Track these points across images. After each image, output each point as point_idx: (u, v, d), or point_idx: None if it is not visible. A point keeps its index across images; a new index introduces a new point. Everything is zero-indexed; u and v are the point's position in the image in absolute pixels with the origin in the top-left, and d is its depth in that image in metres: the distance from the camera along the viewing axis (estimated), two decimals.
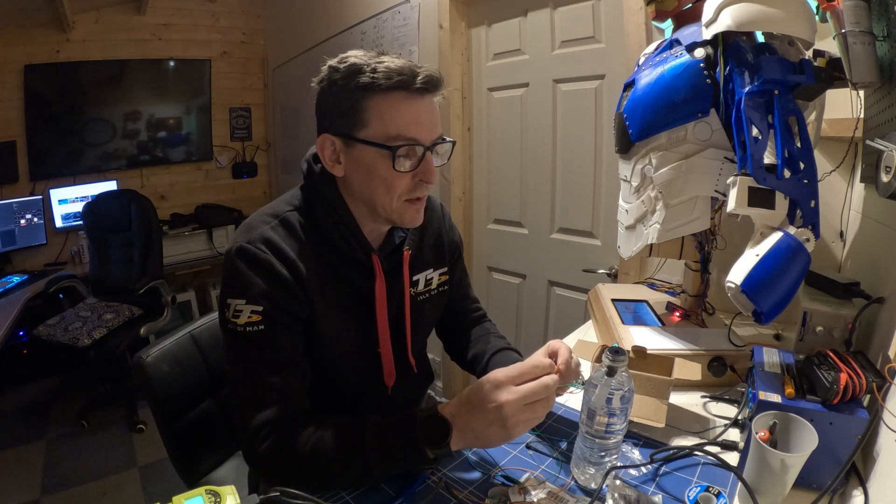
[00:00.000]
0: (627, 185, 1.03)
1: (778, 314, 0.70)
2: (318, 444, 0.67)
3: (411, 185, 0.76)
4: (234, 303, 0.72)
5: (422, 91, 0.72)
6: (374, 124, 0.72)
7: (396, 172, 0.73)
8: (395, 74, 0.70)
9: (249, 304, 0.71)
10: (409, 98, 0.72)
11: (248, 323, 0.71)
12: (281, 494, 0.58)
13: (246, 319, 0.71)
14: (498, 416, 0.61)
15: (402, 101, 0.71)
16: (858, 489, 0.63)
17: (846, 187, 1.09)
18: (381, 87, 0.70)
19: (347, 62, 0.72)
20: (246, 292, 0.71)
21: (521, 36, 1.91)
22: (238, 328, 0.71)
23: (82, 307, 2.58)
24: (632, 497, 0.62)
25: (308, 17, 3.12)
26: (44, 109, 3.02)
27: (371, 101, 0.71)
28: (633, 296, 1.25)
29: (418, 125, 0.73)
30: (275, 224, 0.77)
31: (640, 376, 0.80)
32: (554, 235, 1.93)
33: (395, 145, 0.71)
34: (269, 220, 0.77)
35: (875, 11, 0.73)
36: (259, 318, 0.71)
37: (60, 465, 2.21)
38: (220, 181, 3.83)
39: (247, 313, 0.71)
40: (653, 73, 0.91)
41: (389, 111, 0.71)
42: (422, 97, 0.73)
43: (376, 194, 0.76)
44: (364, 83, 0.70)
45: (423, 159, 0.74)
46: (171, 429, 0.99)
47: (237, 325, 0.71)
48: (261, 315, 0.71)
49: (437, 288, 0.96)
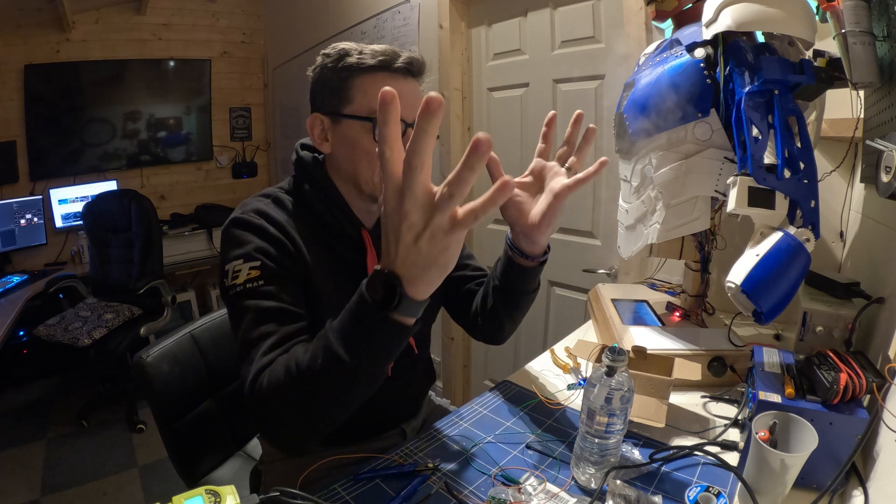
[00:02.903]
0: (627, 185, 1.03)
1: (778, 314, 0.70)
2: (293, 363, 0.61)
3: None
4: (232, 266, 0.74)
5: (403, 72, 0.78)
6: (358, 100, 0.78)
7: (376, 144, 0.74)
8: (378, 55, 0.77)
9: (247, 262, 0.73)
10: (391, 77, 0.78)
11: (248, 279, 0.72)
12: (281, 494, 0.58)
13: (246, 276, 0.72)
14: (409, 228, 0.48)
15: (385, 80, 0.77)
16: (858, 489, 0.63)
17: (846, 187, 1.09)
18: (365, 66, 0.77)
19: (337, 48, 0.80)
20: (242, 251, 0.74)
21: (521, 36, 1.91)
22: (238, 287, 0.72)
23: (82, 307, 2.58)
24: (632, 497, 0.62)
25: (308, 17, 3.12)
26: (44, 109, 3.02)
27: (356, 80, 0.78)
28: (633, 296, 1.25)
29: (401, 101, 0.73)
30: (267, 202, 0.82)
31: (640, 376, 0.80)
32: (554, 235, 1.92)
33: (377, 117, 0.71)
34: (261, 198, 0.83)
35: (875, 11, 0.73)
36: (258, 273, 0.73)
37: (60, 465, 2.21)
38: (220, 181, 3.83)
39: (245, 271, 0.73)
40: (653, 73, 0.92)
41: (373, 88, 0.77)
42: (404, 78, 0.79)
43: (360, 168, 0.80)
44: (350, 63, 0.78)
45: (404, 135, 0.75)
46: (171, 429, 1.00)
47: (237, 284, 0.72)
48: (259, 270, 0.73)
49: None
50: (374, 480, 0.72)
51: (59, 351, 2.40)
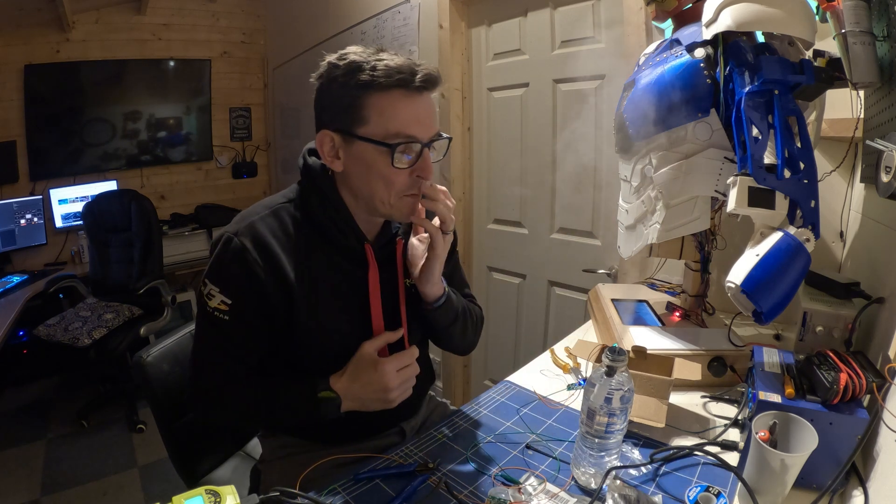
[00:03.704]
0: (627, 185, 1.03)
1: (778, 314, 0.70)
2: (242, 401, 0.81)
3: (409, 182, 0.77)
4: (210, 286, 0.77)
5: (420, 89, 0.73)
6: (374, 122, 0.73)
7: (395, 169, 0.74)
8: (394, 73, 0.71)
9: (222, 294, 0.77)
10: (408, 96, 0.73)
11: (216, 308, 0.77)
12: (281, 494, 0.58)
13: (216, 305, 0.77)
14: (381, 387, 0.77)
15: (402, 100, 0.73)
16: (858, 489, 0.63)
17: (846, 187, 1.09)
18: (380, 86, 0.71)
19: (347, 59, 0.73)
20: (222, 283, 0.77)
21: (521, 36, 1.91)
22: (208, 308, 0.78)
23: (82, 307, 2.58)
24: (632, 497, 0.62)
25: (308, 17, 3.12)
26: (44, 109, 3.02)
27: (371, 99, 0.72)
28: (633, 296, 1.25)
29: (417, 123, 0.74)
30: (265, 214, 0.80)
31: (640, 376, 0.80)
32: (554, 235, 1.93)
33: (395, 143, 0.73)
34: (261, 210, 0.81)
35: (875, 11, 0.73)
36: (226, 309, 0.77)
37: (60, 465, 2.21)
38: (220, 181, 3.83)
39: (218, 300, 0.77)
40: (653, 73, 0.92)
41: (389, 109, 0.73)
42: (420, 95, 0.74)
43: (375, 190, 0.77)
44: (364, 81, 0.71)
45: (421, 156, 0.76)
46: (171, 429, 1.00)
47: (207, 305, 0.78)
48: (228, 307, 0.77)
49: None
50: (374, 480, 0.72)
51: (59, 351, 2.40)
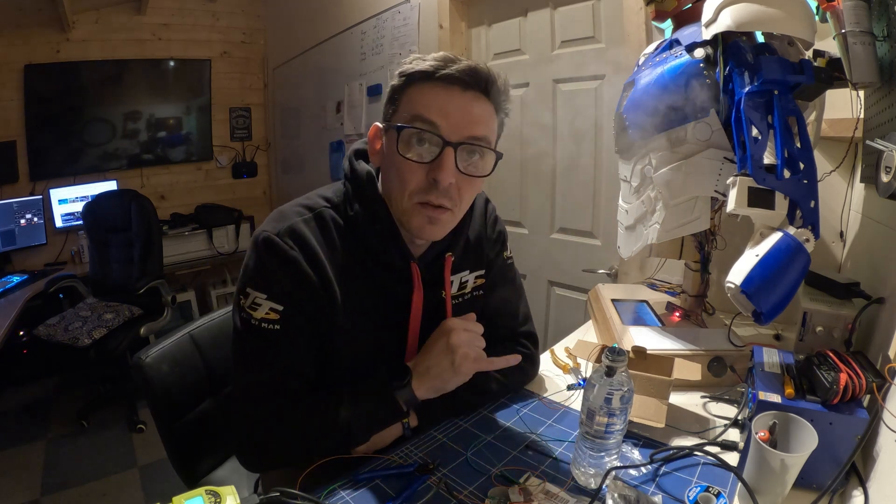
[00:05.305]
0: (627, 186, 1.03)
1: (778, 314, 0.70)
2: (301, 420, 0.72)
3: (424, 184, 0.70)
4: (254, 294, 0.70)
5: (454, 81, 0.68)
6: (402, 107, 0.71)
7: (407, 162, 0.69)
8: (433, 61, 0.69)
9: (270, 301, 0.70)
10: (440, 86, 0.69)
11: (264, 319, 0.70)
12: (281, 494, 0.58)
13: (263, 315, 0.70)
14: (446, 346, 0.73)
15: (433, 87, 0.69)
16: (858, 489, 0.63)
17: (846, 187, 1.09)
18: (418, 75, 0.69)
19: (409, 57, 0.73)
20: (269, 288, 0.70)
21: (521, 36, 1.91)
22: (253, 321, 0.70)
23: (82, 307, 2.58)
24: (632, 497, 0.62)
25: (308, 17, 3.12)
26: (44, 109, 3.02)
27: (408, 88, 0.71)
28: (633, 296, 1.25)
29: (441, 113, 0.68)
30: (308, 217, 0.74)
31: (640, 376, 0.80)
32: (554, 235, 1.93)
33: (405, 125, 0.69)
34: (302, 211, 0.75)
35: (875, 11, 0.73)
36: (277, 318, 0.70)
37: (60, 465, 2.21)
38: (220, 181, 3.83)
39: (265, 308, 0.70)
40: (653, 73, 0.91)
41: (418, 94, 0.70)
42: (455, 88, 0.69)
43: (392, 187, 0.72)
44: (405, 70, 0.71)
45: (441, 154, 0.68)
46: (171, 429, 0.99)
47: (252, 316, 0.70)
48: (279, 314, 0.70)
49: (472, 292, 0.90)
50: (374, 480, 0.71)
51: (59, 351, 2.39)
